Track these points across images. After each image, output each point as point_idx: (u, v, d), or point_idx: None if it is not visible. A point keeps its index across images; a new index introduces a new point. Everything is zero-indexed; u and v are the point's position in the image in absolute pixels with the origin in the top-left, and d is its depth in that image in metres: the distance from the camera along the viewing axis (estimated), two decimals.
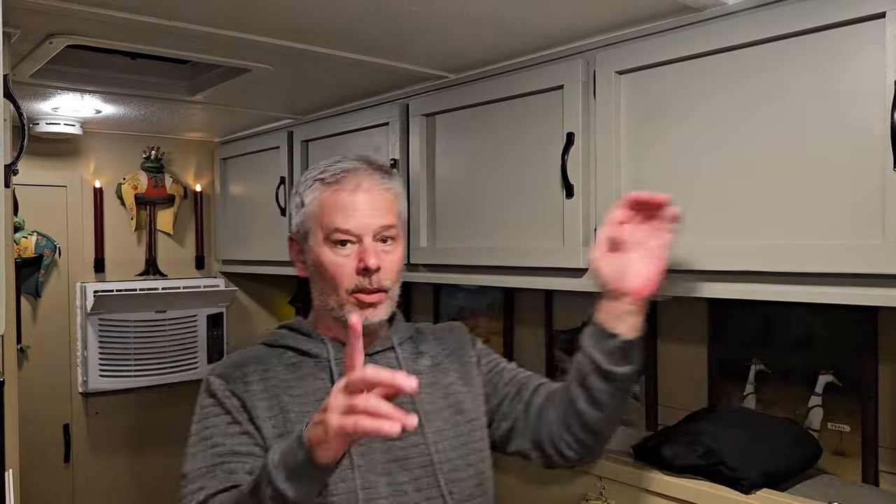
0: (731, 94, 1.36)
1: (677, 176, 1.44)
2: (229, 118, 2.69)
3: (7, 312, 1.07)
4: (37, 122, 2.51)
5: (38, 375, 2.70)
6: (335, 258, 1.22)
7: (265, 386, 1.22)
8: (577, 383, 1.25)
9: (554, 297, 2.32)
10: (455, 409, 1.30)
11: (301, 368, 1.25)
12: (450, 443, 1.25)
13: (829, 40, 1.23)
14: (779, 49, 1.29)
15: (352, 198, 1.22)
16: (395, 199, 1.27)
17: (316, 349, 1.27)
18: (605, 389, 1.23)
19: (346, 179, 1.23)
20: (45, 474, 2.74)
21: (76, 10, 1.43)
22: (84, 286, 2.78)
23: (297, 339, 1.29)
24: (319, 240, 1.23)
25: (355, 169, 1.25)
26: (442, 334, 1.41)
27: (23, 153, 1.36)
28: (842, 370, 1.67)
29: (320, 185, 1.25)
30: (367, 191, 1.23)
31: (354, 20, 1.53)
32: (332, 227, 1.21)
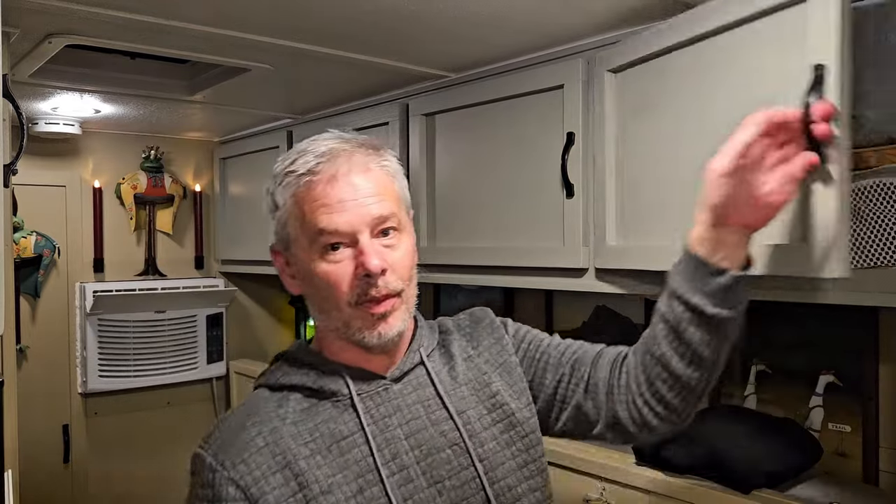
0: (707, 85, 1.31)
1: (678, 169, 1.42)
2: (229, 118, 2.69)
3: (6, 313, 1.07)
4: (36, 121, 2.50)
5: (38, 376, 2.69)
6: (328, 267, 0.96)
7: (272, 453, 0.93)
8: (670, 338, 1.01)
9: (554, 297, 2.32)
10: (507, 422, 1.06)
11: (317, 414, 0.98)
12: (507, 466, 1.03)
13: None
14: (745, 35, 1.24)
15: (334, 188, 0.95)
16: (390, 178, 1.01)
17: (331, 385, 1.00)
18: (709, 340, 0.98)
19: (324, 165, 0.96)
20: (44, 475, 2.73)
21: (75, 10, 1.42)
22: (83, 286, 2.78)
23: (304, 374, 1.02)
24: (305, 247, 0.98)
25: (333, 150, 0.98)
26: (467, 328, 1.17)
27: (22, 153, 1.35)
28: (842, 370, 1.67)
29: (293, 178, 0.98)
30: (354, 174, 0.96)
31: (354, 20, 1.52)
32: (316, 229, 0.96)
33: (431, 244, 2.04)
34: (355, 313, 0.97)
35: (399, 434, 0.99)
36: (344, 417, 0.98)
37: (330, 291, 0.97)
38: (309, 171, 0.96)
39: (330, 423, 0.97)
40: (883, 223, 1.20)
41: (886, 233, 1.19)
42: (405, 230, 1.01)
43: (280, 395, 1.01)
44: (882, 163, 1.22)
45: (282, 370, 1.04)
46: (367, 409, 0.99)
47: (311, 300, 1.04)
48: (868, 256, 1.22)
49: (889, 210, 1.19)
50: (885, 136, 1.23)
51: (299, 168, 0.97)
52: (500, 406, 1.07)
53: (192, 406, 3.05)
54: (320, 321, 1.04)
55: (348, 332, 0.99)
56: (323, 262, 0.97)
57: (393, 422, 0.99)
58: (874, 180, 1.21)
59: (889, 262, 1.20)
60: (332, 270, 0.97)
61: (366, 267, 0.95)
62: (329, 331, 1.03)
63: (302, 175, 0.97)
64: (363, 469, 0.95)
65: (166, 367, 2.91)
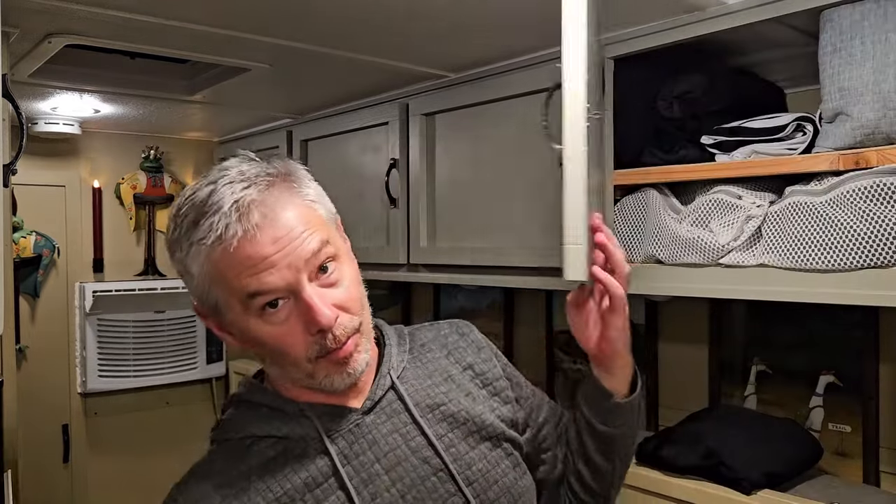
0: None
1: None
2: (228, 118, 2.69)
3: (6, 313, 1.07)
4: (35, 121, 2.50)
5: (37, 376, 2.69)
6: (273, 329, 0.85)
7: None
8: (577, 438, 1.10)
9: (554, 297, 2.32)
10: (494, 440, 0.99)
11: (285, 464, 0.88)
12: (499, 485, 0.96)
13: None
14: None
15: (254, 246, 0.82)
16: (311, 205, 0.89)
17: (297, 429, 0.90)
18: (602, 448, 1.07)
19: (235, 226, 0.82)
20: (43, 475, 2.73)
21: (75, 10, 1.42)
22: (83, 286, 2.78)
23: (266, 421, 0.91)
24: (239, 312, 0.85)
25: (241, 201, 0.82)
26: (451, 343, 1.07)
27: (21, 153, 1.35)
28: (843, 370, 1.67)
29: (202, 248, 0.83)
30: (270, 222, 0.83)
31: (354, 19, 1.52)
32: (246, 293, 0.83)
33: (431, 244, 2.04)
34: (318, 365, 0.88)
35: (378, 470, 0.90)
36: (316, 463, 0.88)
37: (283, 352, 0.87)
38: (219, 237, 0.82)
39: (301, 472, 0.88)
40: (883, 223, 1.20)
41: (886, 233, 1.19)
42: (342, 253, 0.91)
43: (244, 445, 0.90)
44: (882, 163, 1.22)
45: (241, 418, 0.93)
46: (341, 450, 0.90)
47: (259, 356, 0.91)
48: (868, 256, 1.22)
49: (889, 210, 1.19)
50: (885, 136, 1.23)
51: (207, 236, 0.82)
52: (486, 425, 0.99)
53: (192, 406, 3.05)
54: (274, 372, 0.93)
55: (313, 381, 0.89)
56: (265, 325, 0.85)
57: (369, 457, 0.90)
58: (874, 180, 1.21)
59: (889, 262, 1.20)
60: (279, 333, 0.85)
61: (318, 324, 0.84)
62: (286, 378, 0.92)
63: (213, 244, 0.82)
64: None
65: (166, 367, 2.91)
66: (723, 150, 1.49)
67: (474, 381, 1.04)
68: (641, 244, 1.59)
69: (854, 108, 1.25)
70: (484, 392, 1.03)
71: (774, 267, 1.35)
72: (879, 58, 1.22)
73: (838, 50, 1.28)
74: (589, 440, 1.08)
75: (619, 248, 0.97)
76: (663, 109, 1.60)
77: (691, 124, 1.58)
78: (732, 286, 1.41)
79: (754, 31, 1.43)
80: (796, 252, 1.31)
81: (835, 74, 1.29)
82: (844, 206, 1.24)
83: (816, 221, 1.28)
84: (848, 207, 1.24)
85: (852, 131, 1.26)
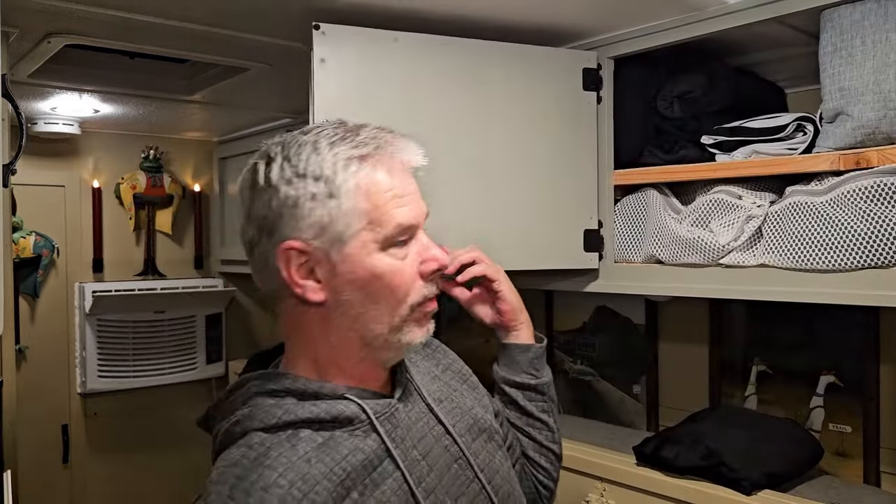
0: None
1: None
2: (228, 117, 2.69)
3: (5, 313, 1.07)
4: (35, 121, 2.50)
5: (37, 376, 2.69)
6: (395, 264, 0.86)
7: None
8: (520, 419, 1.17)
9: (554, 297, 2.32)
10: (487, 434, 1.04)
11: (337, 447, 0.84)
12: (500, 474, 1.01)
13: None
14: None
15: (402, 179, 0.86)
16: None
17: (345, 411, 0.87)
18: (542, 406, 1.17)
19: (391, 150, 0.86)
20: (43, 475, 2.73)
21: (74, 10, 1.42)
22: (82, 286, 2.77)
23: (308, 407, 0.86)
24: (367, 243, 0.84)
25: (391, 135, 0.88)
26: (424, 348, 1.11)
27: (21, 153, 1.35)
28: (843, 371, 1.66)
29: (360, 164, 0.84)
30: (408, 167, 0.88)
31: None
32: (394, 223, 0.85)
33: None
34: (413, 315, 0.88)
35: (416, 455, 0.90)
36: (368, 444, 0.86)
37: (394, 289, 0.86)
38: (379, 157, 0.85)
39: (357, 455, 0.85)
40: (883, 223, 1.20)
41: (887, 233, 1.19)
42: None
43: (284, 434, 0.84)
44: (882, 163, 1.22)
45: (277, 407, 0.86)
46: (388, 432, 0.88)
47: (343, 310, 0.87)
48: (868, 256, 1.21)
49: (889, 210, 1.19)
50: (885, 135, 1.23)
51: (368, 153, 0.84)
52: (477, 419, 1.03)
53: (192, 406, 3.04)
54: (350, 335, 0.89)
55: (390, 338, 0.88)
56: (389, 259, 0.85)
57: (409, 443, 0.90)
58: (875, 180, 1.21)
59: (889, 262, 1.20)
60: (399, 269, 0.86)
61: (439, 261, 0.89)
62: (345, 353, 0.90)
63: (370, 161, 0.84)
64: (402, 499, 0.86)
65: (165, 368, 2.91)
66: (723, 150, 1.49)
67: (456, 379, 1.08)
68: (641, 244, 1.59)
69: (854, 107, 1.25)
70: (466, 387, 1.08)
71: (775, 267, 1.35)
72: (880, 57, 1.22)
73: (839, 50, 1.28)
74: (528, 403, 1.16)
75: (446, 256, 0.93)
76: (663, 109, 1.60)
77: (691, 124, 1.58)
78: (733, 286, 1.41)
79: (754, 31, 1.43)
80: (797, 252, 1.31)
81: (835, 74, 1.28)
82: (845, 206, 1.24)
83: (817, 221, 1.28)
84: (848, 207, 1.24)
85: (853, 131, 1.26)
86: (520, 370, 1.17)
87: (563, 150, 1.61)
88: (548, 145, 1.60)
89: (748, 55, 1.66)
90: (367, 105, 1.42)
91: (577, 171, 1.62)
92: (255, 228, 0.86)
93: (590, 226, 1.62)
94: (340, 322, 0.88)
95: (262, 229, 0.85)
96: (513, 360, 1.17)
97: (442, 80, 1.51)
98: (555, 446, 1.19)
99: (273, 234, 0.85)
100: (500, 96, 1.56)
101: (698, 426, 1.59)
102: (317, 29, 1.39)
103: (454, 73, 1.51)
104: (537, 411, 1.17)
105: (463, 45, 1.52)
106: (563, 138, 1.61)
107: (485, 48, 1.54)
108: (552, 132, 1.60)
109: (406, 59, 1.46)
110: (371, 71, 1.44)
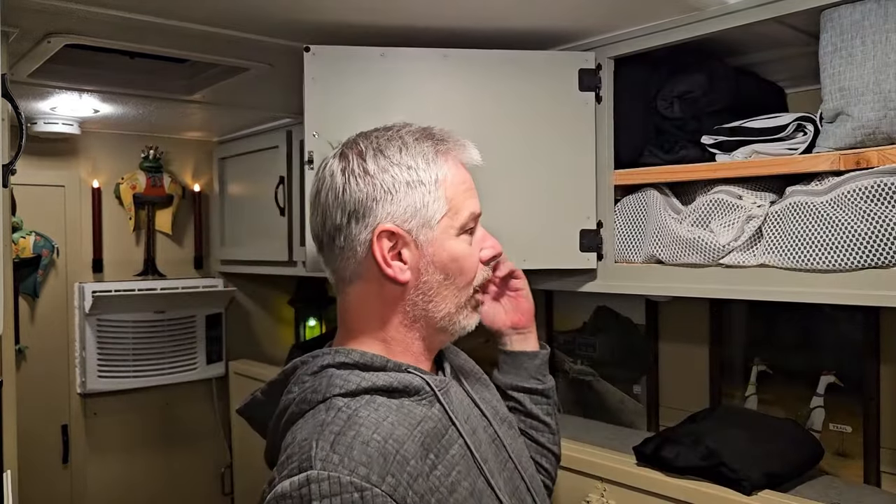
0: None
1: None
2: (228, 117, 2.69)
3: (5, 313, 1.07)
4: (35, 121, 2.50)
5: (37, 376, 2.69)
6: (466, 249, 0.99)
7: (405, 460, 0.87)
8: (524, 423, 1.24)
9: (554, 297, 2.32)
10: (508, 422, 1.15)
11: (410, 414, 0.93)
12: (525, 457, 1.13)
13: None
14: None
15: (465, 172, 1.00)
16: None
17: (413, 382, 0.95)
18: (547, 409, 1.25)
19: (456, 147, 0.99)
20: (43, 475, 2.73)
21: (74, 10, 1.42)
22: (82, 286, 2.77)
23: (380, 375, 0.94)
24: (448, 228, 0.96)
25: (445, 132, 1.01)
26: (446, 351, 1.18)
27: (21, 153, 1.35)
28: (844, 371, 1.66)
29: (442, 158, 0.96)
30: (468, 160, 1.01)
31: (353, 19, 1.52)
32: (469, 211, 0.98)
33: None
34: (471, 299, 1.00)
35: (468, 430, 0.99)
36: (433, 413, 0.95)
37: (465, 271, 0.98)
38: (455, 149, 0.98)
39: (427, 422, 0.93)
40: (884, 223, 1.20)
41: (887, 233, 1.19)
42: None
43: (363, 400, 0.92)
44: (882, 163, 1.22)
45: (350, 375, 0.93)
46: (448, 404, 0.97)
47: (426, 289, 0.97)
48: (869, 256, 1.21)
49: (890, 210, 1.19)
50: (885, 135, 1.23)
51: (449, 145, 0.97)
52: (498, 409, 1.15)
53: (192, 406, 3.05)
54: (422, 312, 0.98)
55: (454, 318, 0.99)
56: (463, 244, 0.98)
57: (462, 417, 0.99)
58: (874, 180, 1.21)
59: (890, 262, 1.20)
60: (470, 253, 0.99)
61: (496, 248, 1.02)
62: (412, 334, 0.99)
63: (448, 153, 0.97)
64: (468, 465, 0.95)
65: (165, 368, 2.91)
66: (723, 150, 1.49)
67: (471, 376, 1.16)
68: (642, 244, 1.59)
69: (855, 107, 1.25)
70: (480, 384, 1.17)
71: (775, 267, 1.35)
72: (880, 57, 1.22)
73: (839, 50, 1.28)
74: (534, 407, 1.24)
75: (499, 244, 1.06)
76: (663, 109, 1.60)
77: (691, 124, 1.58)
78: (733, 286, 1.41)
79: (754, 31, 1.43)
80: (797, 252, 1.31)
81: (835, 74, 1.28)
82: (845, 206, 1.24)
83: (817, 221, 1.28)
84: (848, 207, 1.24)
85: (853, 131, 1.26)
86: (528, 376, 1.24)
87: (560, 152, 1.61)
88: (544, 147, 1.60)
89: (748, 55, 1.66)
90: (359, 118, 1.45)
91: (574, 172, 1.62)
92: (343, 215, 0.95)
93: (587, 226, 1.62)
94: (416, 302, 0.97)
95: (353, 214, 0.94)
96: (520, 367, 1.24)
97: (434, 90, 1.56)
98: (555, 447, 1.27)
99: (366, 218, 0.94)
100: (494, 101, 1.59)
101: (698, 426, 1.59)
102: (307, 51, 1.50)
103: (446, 82, 1.56)
104: (542, 414, 1.25)
105: (456, 55, 1.56)
106: (560, 140, 1.61)
107: (477, 56, 1.57)
108: (549, 134, 1.61)
109: (394, 72, 1.53)
110: (360, 86, 1.52)
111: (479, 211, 1.00)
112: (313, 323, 3.30)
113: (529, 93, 1.59)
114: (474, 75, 1.57)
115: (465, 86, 1.57)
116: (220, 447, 3.04)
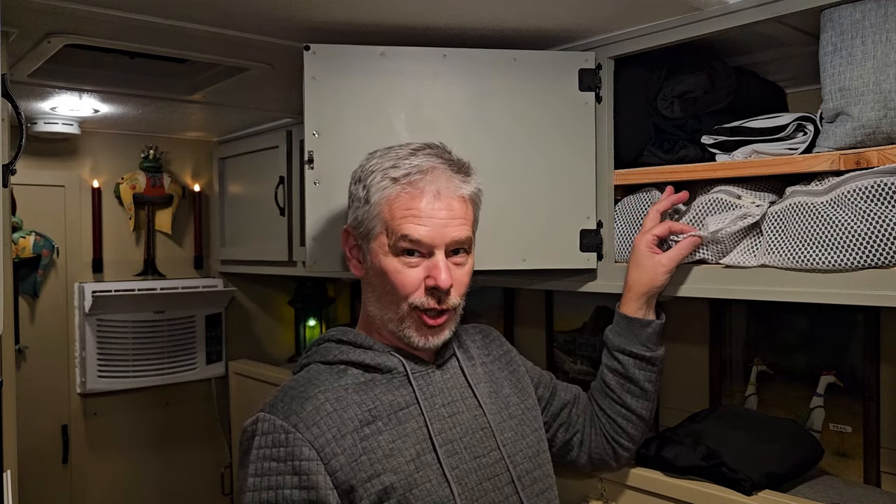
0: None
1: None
2: (228, 117, 2.69)
3: (5, 313, 1.07)
4: (35, 121, 2.50)
5: (37, 376, 2.69)
6: (401, 268, 1.10)
7: (340, 419, 1.05)
8: (622, 382, 1.37)
9: (554, 298, 2.32)
10: (518, 419, 1.25)
11: (374, 387, 1.11)
12: (524, 454, 1.22)
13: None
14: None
15: (427, 205, 1.08)
16: (472, 206, 1.16)
17: (387, 362, 1.14)
18: (650, 377, 1.36)
19: (423, 182, 1.09)
20: (43, 475, 2.73)
21: (74, 10, 1.42)
22: (82, 286, 2.77)
23: (362, 352, 1.15)
24: (384, 245, 1.10)
25: (433, 168, 1.10)
26: (479, 340, 1.36)
27: (20, 153, 1.35)
28: (844, 371, 1.66)
29: (391, 183, 1.10)
30: (445, 198, 1.10)
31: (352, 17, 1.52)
32: (401, 234, 1.09)
33: None
34: (412, 315, 1.12)
35: (443, 413, 1.13)
36: (401, 391, 1.12)
37: (396, 289, 1.11)
38: (408, 182, 1.09)
39: (388, 395, 1.10)
40: (884, 223, 1.20)
41: (887, 233, 1.19)
42: (471, 252, 1.17)
43: (337, 368, 1.13)
44: (882, 163, 1.22)
45: (337, 349, 1.16)
46: (420, 387, 1.13)
47: (371, 288, 1.16)
48: (869, 256, 1.21)
49: (890, 210, 1.19)
50: (885, 135, 1.23)
51: (400, 176, 1.09)
52: (511, 405, 1.25)
53: (192, 407, 3.05)
54: (374, 309, 1.16)
55: (399, 328, 1.13)
56: (397, 262, 1.10)
57: (438, 401, 1.14)
58: (875, 180, 1.21)
59: (890, 262, 1.20)
60: (404, 273, 1.10)
61: (437, 281, 1.09)
62: (382, 321, 1.15)
63: (402, 184, 1.09)
64: (419, 437, 1.08)
65: (165, 368, 2.91)
66: (723, 149, 1.49)
67: (502, 369, 1.31)
68: None
69: (855, 107, 1.25)
70: (509, 376, 1.31)
71: (775, 267, 1.35)
72: (880, 57, 1.22)
73: (839, 49, 1.28)
74: (637, 371, 1.35)
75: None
76: (663, 109, 1.60)
77: (691, 124, 1.58)
78: (733, 286, 1.40)
79: (754, 31, 1.43)
80: (797, 252, 1.31)
81: (835, 74, 1.28)
82: (845, 206, 1.24)
83: (817, 221, 1.28)
84: (848, 207, 1.24)
85: (853, 131, 1.26)
86: (637, 342, 1.36)
87: (560, 151, 1.61)
88: (544, 147, 1.60)
89: (748, 55, 1.66)
90: (358, 118, 1.51)
91: (573, 172, 1.62)
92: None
93: (587, 226, 1.62)
94: (370, 297, 1.17)
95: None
96: (631, 332, 1.36)
97: (434, 89, 1.55)
98: (645, 412, 1.40)
99: (347, 218, 1.20)
100: (494, 101, 1.58)
101: (698, 426, 1.59)
102: (307, 49, 1.50)
103: (446, 82, 1.55)
104: (643, 380, 1.37)
105: (456, 54, 1.55)
106: (560, 139, 1.61)
107: (477, 56, 1.57)
108: (549, 134, 1.60)
109: (394, 71, 1.53)
110: (360, 85, 1.52)
111: (418, 238, 1.08)
112: (313, 323, 3.30)
113: (529, 92, 1.59)
114: (474, 75, 1.57)
115: (465, 85, 1.56)
116: (220, 447, 3.04)
